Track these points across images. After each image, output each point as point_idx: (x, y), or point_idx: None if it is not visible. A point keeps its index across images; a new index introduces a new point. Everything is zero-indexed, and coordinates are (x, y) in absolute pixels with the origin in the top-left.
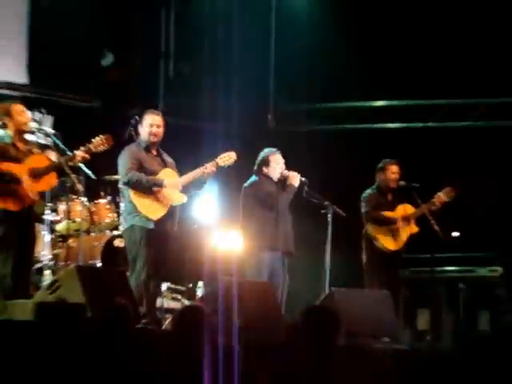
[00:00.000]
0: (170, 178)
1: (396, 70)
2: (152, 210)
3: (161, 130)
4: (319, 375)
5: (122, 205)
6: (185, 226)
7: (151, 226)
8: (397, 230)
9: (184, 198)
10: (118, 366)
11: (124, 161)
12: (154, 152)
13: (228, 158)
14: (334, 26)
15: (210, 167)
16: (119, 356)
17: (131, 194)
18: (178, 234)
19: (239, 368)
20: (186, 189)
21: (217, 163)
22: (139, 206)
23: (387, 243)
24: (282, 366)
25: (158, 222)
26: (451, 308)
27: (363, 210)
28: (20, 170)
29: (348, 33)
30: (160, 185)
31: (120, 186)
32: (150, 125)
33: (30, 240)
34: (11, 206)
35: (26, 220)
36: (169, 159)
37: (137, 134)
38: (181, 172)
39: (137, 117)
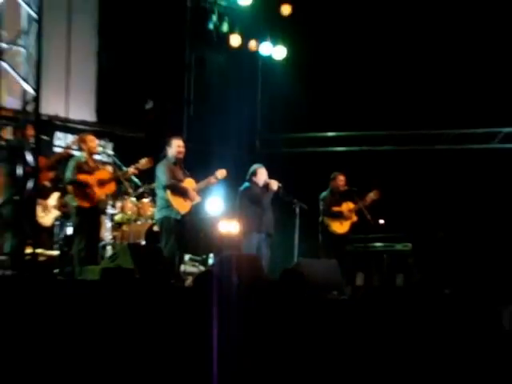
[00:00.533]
0: (191, 185)
1: (341, 113)
2: (181, 206)
3: (183, 150)
4: (290, 314)
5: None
6: (200, 215)
7: (179, 217)
8: (343, 219)
9: (199, 199)
10: (157, 309)
11: (163, 171)
12: (179, 166)
13: (221, 173)
14: (301, 78)
15: (212, 179)
16: (158, 303)
17: (169, 194)
18: (196, 220)
19: (236, 309)
20: (199, 192)
21: (215, 177)
22: (174, 203)
23: (337, 228)
24: (266, 308)
25: (183, 215)
26: (378, 271)
27: (321, 206)
28: (91, 180)
29: (311, 86)
30: (185, 193)
31: (157, 188)
32: (178, 146)
33: (97, 226)
34: (85, 204)
35: (95, 213)
36: (186, 171)
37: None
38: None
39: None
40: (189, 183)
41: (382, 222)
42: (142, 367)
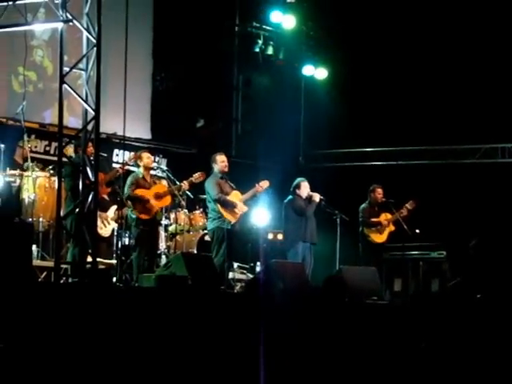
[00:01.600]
0: (237, 197)
1: (379, 129)
2: (231, 217)
3: (227, 165)
4: (332, 319)
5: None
6: (248, 226)
7: (229, 226)
8: (381, 229)
9: (246, 208)
10: (208, 313)
11: (212, 186)
12: (225, 179)
13: (264, 184)
14: (341, 97)
15: (256, 189)
16: (209, 307)
17: (219, 206)
18: (244, 231)
19: (282, 314)
20: (245, 202)
21: (259, 187)
22: (225, 214)
23: (375, 237)
24: (308, 312)
25: (233, 225)
26: (415, 277)
27: (360, 217)
28: (148, 194)
29: (351, 104)
30: (233, 205)
31: (208, 201)
32: (222, 161)
33: (155, 237)
34: (145, 216)
35: (153, 224)
36: (232, 184)
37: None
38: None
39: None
40: (235, 195)
41: (418, 231)
42: (195, 368)
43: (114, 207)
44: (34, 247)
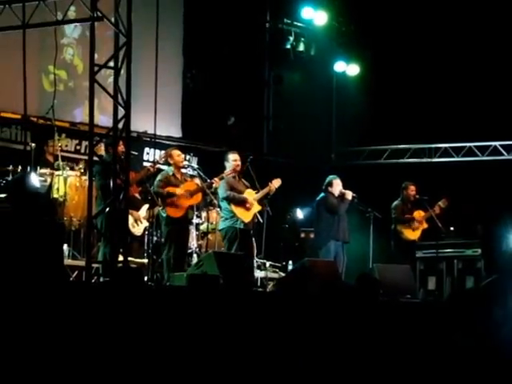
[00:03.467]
0: (251, 195)
1: (412, 126)
2: (244, 215)
3: (240, 163)
4: (366, 317)
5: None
6: (280, 225)
7: (242, 226)
8: (415, 226)
9: (260, 207)
10: (240, 312)
11: (222, 185)
12: (238, 178)
13: (277, 182)
14: (373, 93)
15: (269, 188)
16: (241, 306)
17: (232, 205)
18: (276, 229)
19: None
20: (260, 201)
21: (272, 186)
22: (238, 214)
23: (409, 235)
24: (341, 312)
25: (246, 224)
26: (449, 275)
27: (393, 214)
28: (179, 192)
29: (383, 100)
30: (244, 202)
31: (220, 200)
32: (234, 160)
33: (186, 235)
34: (174, 214)
35: (183, 222)
36: (246, 182)
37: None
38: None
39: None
40: (249, 194)
41: (451, 228)
42: (227, 367)
43: (146, 206)
44: (65, 246)
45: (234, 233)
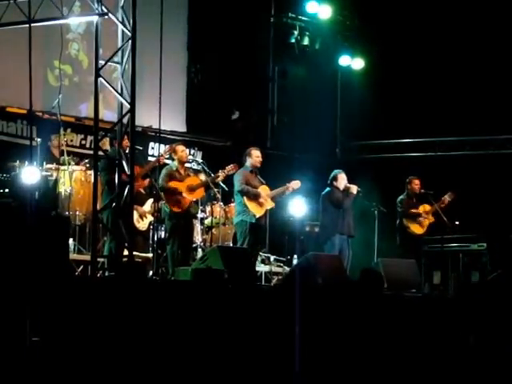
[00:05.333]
0: (265, 191)
1: (417, 120)
2: (257, 210)
3: (261, 160)
4: (370, 311)
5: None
6: (284, 219)
7: (254, 220)
8: (420, 221)
9: (273, 204)
10: (245, 306)
11: (238, 178)
12: (255, 174)
13: (296, 184)
14: (378, 88)
15: (286, 189)
16: (245, 300)
17: (245, 199)
18: (280, 223)
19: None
20: (273, 199)
21: (290, 187)
22: (250, 207)
23: (415, 229)
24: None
25: (258, 218)
26: (454, 269)
27: (399, 208)
28: (182, 186)
29: (387, 94)
30: (258, 196)
31: (235, 194)
32: (257, 156)
33: (189, 230)
34: (177, 209)
35: (186, 217)
36: (262, 179)
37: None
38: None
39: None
40: (263, 189)
41: (457, 223)
42: (231, 360)
43: (151, 201)
44: (70, 241)
45: (245, 227)
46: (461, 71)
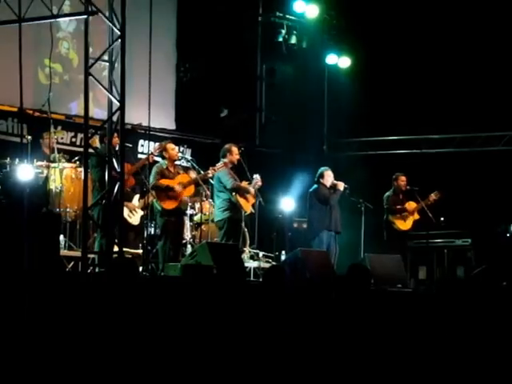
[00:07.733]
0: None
1: (403, 117)
2: (246, 206)
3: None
4: (356, 306)
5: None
6: (273, 215)
7: (241, 217)
8: (406, 217)
9: (254, 200)
10: (233, 302)
11: (227, 175)
12: (233, 170)
13: (258, 180)
14: (364, 86)
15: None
16: (233, 295)
17: (237, 196)
18: (268, 220)
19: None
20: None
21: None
22: (242, 204)
23: (400, 225)
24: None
25: (242, 214)
26: (439, 265)
27: (385, 205)
28: (172, 184)
29: (374, 92)
30: (248, 192)
31: (220, 190)
32: (236, 153)
33: (180, 226)
34: (168, 206)
35: (177, 214)
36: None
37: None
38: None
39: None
40: (244, 184)
41: (442, 219)
42: (219, 357)
43: (137, 196)
44: (61, 237)
45: (231, 224)
46: (446, 70)
